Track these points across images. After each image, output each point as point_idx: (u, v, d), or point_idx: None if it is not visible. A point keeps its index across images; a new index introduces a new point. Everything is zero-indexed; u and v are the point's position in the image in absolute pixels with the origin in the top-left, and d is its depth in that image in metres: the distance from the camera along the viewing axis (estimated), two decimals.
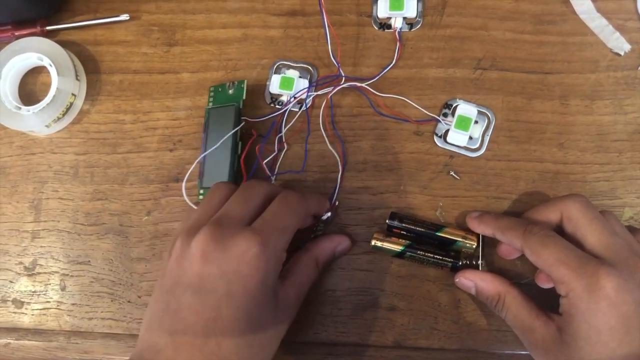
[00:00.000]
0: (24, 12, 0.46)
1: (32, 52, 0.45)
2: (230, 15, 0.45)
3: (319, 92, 0.43)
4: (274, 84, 0.43)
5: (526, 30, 0.42)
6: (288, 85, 0.42)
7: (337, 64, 0.42)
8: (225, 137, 0.40)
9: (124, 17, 0.46)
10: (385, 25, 0.43)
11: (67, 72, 0.44)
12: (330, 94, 0.42)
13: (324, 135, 0.42)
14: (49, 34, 0.46)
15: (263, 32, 0.45)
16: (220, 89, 0.43)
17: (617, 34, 0.42)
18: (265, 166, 0.41)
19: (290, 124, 0.43)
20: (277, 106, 0.43)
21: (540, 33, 0.42)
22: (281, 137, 0.42)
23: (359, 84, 0.42)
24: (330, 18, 0.44)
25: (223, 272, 0.32)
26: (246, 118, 0.42)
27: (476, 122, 0.41)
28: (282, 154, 0.42)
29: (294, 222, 0.36)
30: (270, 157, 0.42)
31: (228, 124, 0.41)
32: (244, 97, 0.41)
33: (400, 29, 0.43)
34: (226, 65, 0.44)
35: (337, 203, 0.41)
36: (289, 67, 0.44)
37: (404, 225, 0.39)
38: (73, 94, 0.44)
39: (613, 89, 0.41)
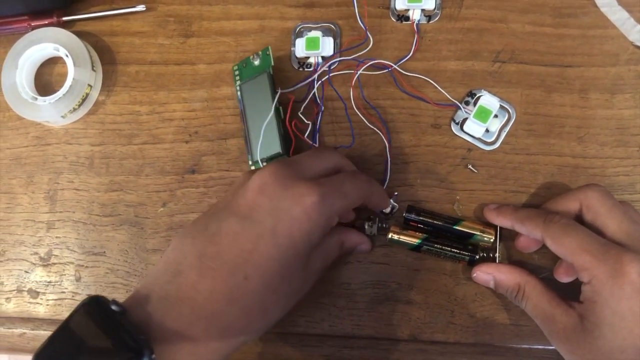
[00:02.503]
0: (41, 2, 0.45)
1: (48, 42, 0.45)
2: (247, 6, 0.45)
3: (347, 58, 0.43)
4: (299, 48, 0.43)
5: (546, 23, 0.42)
6: (314, 45, 0.42)
7: (364, 27, 0.42)
8: (272, 105, 0.40)
9: (140, 7, 0.45)
10: (403, 17, 0.43)
11: (83, 62, 0.44)
12: (357, 74, 0.42)
13: (360, 115, 0.42)
14: (65, 25, 0.46)
15: (280, 23, 0.44)
16: (244, 64, 0.43)
17: (639, 27, 0.41)
18: (307, 139, 0.41)
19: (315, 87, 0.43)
20: (307, 69, 0.43)
21: (560, 26, 0.42)
22: (316, 100, 0.42)
23: (385, 62, 0.42)
24: (348, 9, 0.44)
25: (275, 208, 0.32)
26: (281, 90, 0.42)
27: (496, 116, 0.40)
28: (319, 117, 0.42)
29: (355, 195, 0.35)
30: (309, 129, 0.42)
31: (264, 92, 0.40)
32: (273, 64, 0.41)
33: (419, 21, 0.43)
34: (242, 57, 0.44)
35: (396, 193, 0.40)
36: (311, 28, 0.44)
37: (421, 218, 0.39)
38: (89, 85, 0.44)
39: (634, 82, 0.41)
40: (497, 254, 0.38)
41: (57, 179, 0.45)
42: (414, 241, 0.39)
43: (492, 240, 0.38)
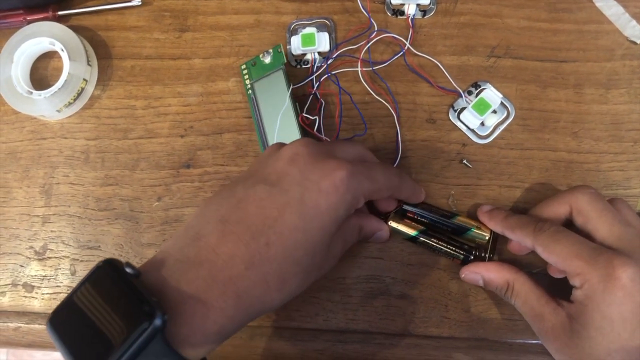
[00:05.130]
0: None
1: (43, 36, 0.45)
2: (242, 1, 0.45)
3: (352, 47, 0.43)
4: (295, 45, 0.43)
5: (541, 18, 0.42)
6: (310, 42, 0.42)
7: (368, 14, 0.42)
8: (288, 100, 0.40)
9: (136, 2, 0.45)
10: (398, 11, 0.43)
11: (78, 57, 0.44)
12: (369, 44, 0.42)
13: (367, 87, 0.42)
14: (60, 19, 0.46)
15: (275, 18, 0.44)
16: (253, 63, 0.43)
17: (634, 22, 0.41)
18: (317, 133, 0.41)
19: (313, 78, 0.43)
20: (304, 66, 0.43)
21: (556, 21, 0.42)
22: (316, 94, 0.42)
23: (394, 35, 0.42)
24: (343, 4, 0.44)
25: (304, 178, 0.31)
26: (293, 85, 0.42)
27: (495, 112, 0.40)
28: (322, 112, 0.42)
29: (384, 183, 0.35)
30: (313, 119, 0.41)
31: (280, 88, 0.40)
32: (285, 60, 0.41)
33: (414, 15, 0.43)
34: (238, 52, 0.44)
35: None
36: (305, 25, 0.44)
37: (418, 209, 0.39)
38: (84, 79, 0.44)
39: (629, 77, 0.41)
40: (487, 254, 0.38)
41: (52, 173, 0.45)
42: (412, 232, 0.39)
43: (487, 237, 0.38)
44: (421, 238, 0.38)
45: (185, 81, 0.44)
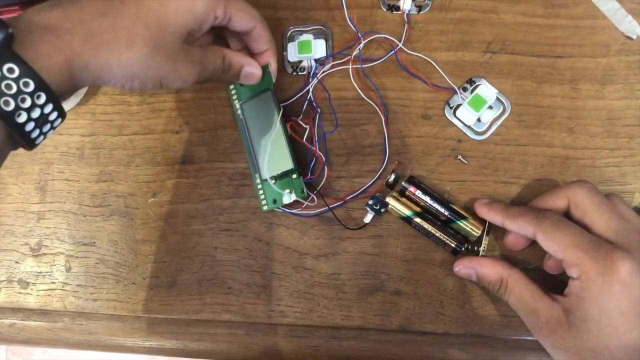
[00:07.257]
0: None
1: None
2: None
3: (344, 60, 0.42)
4: (292, 52, 0.43)
5: (537, 13, 0.42)
6: (307, 49, 0.42)
7: (355, 28, 0.42)
8: (278, 122, 0.40)
9: None
10: (394, 7, 0.43)
11: None
12: (359, 46, 0.42)
13: (357, 88, 0.42)
14: None
15: (272, 13, 0.44)
16: (241, 83, 0.42)
17: (630, 17, 0.41)
18: (306, 142, 0.41)
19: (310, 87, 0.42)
20: (300, 73, 0.43)
21: (551, 16, 0.42)
22: (311, 102, 0.42)
23: (387, 36, 0.42)
24: (331, 13, 0.43)
25: None
26: (283, 104, 0.41)
27: (490, 107, 0.40)
28: (317, 119, 0.42)
29: None
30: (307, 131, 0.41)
31: (269, 110, 0.40)
32: (274, 81, 0.41)
33: (409, 11, 0.43)
34: None
35: (397, 162, 0.41)
36: (302, 32, 0.43)
37: (421, 186, 0.39)
38: None
39: (624, 73, 0.41)
40: (481, 248, 0.38)
41: (47, 170, 0.45)
42: (408, 212, 0.39)
43: (477, 234, 0.38)
44: (417, 219, 0.38)
45: None
